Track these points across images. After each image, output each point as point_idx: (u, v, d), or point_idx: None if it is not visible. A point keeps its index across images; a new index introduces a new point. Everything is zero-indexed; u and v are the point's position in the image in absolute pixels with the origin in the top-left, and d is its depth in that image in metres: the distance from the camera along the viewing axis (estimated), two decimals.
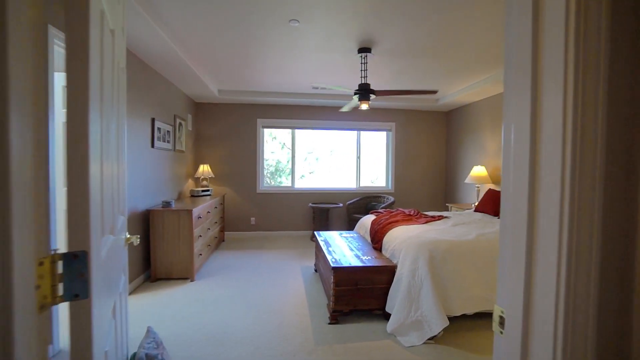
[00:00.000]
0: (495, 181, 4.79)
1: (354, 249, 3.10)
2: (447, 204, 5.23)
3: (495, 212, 3.84)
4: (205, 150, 5.54)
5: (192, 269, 3.38)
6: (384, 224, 3.26)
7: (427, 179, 6.20)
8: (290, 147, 5.92)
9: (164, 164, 3.93)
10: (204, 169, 5.11)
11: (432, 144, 6.20)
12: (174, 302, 2.92)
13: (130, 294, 3.02)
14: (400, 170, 6.10)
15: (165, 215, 3.32)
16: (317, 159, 6.04)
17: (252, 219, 5.68)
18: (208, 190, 4.90)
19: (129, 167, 3.04)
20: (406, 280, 2.41)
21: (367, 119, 5.96)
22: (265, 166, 5.90)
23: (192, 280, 3.38)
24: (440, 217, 3.57)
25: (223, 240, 5.26)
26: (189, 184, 5.10)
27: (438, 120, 6.19)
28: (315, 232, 3.82)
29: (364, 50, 3.26)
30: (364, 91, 3.30)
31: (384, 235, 3.07)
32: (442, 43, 3.15)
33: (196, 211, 3.52)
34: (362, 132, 6.06)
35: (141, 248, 3.31)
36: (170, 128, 4.09)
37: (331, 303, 2.57)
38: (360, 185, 6.09)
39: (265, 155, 5.90)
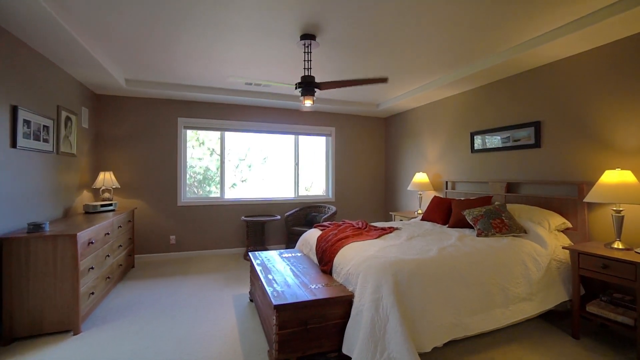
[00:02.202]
0: (437, 188, 4.71)
1: (298, 274, 2.54)
2: (390, 213, 5.02)
3: (444, 221, 3.66)
4: (109, 154, 4.44)
5: (76, 317, 2.43)
6: (332, 241, 2.77)
7: (368, 186, 5.97)
8: (219, 153, 5.13)
9: (36, 170, 2.88)
10: (106, 177, 4.05)
11: (372, 151, 6.01)
12: None
13: None
14: (341, 178, 5.75)
15: (32, 243, 2.33)
16: (249, 167, 5.36)
17: (172, 237, 4.73)
18: (110, 205, 3.87)
19: None
20: (368, 314, 1.94)
21: (306, 123, 5.50)
22: (191, 174, 5.02)
23: (75, 334, 2.43)
24: (392, 229, 3.23)
25: (133, 267, 4.23)
26: (84, 197, 3.98)
27: (377, 126, 6.04)
28: (250, 253, 3.16)
29: (308, 37, 2.78)
30: (308, 84, 2.81)
31: (335, 256, 2.57)
32: (390, 39, 2.83)
33: (85, 235, 2.59)
34: (300, 137, 5.58)
35: None
36: (49, 123, 3.05)
37: (274, 351, 1.97)
38: (299, 194, 5.58)
39: (192, 162, 5.01)
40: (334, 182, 5.70)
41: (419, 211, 4.72)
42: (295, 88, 2.86)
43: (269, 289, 2.19)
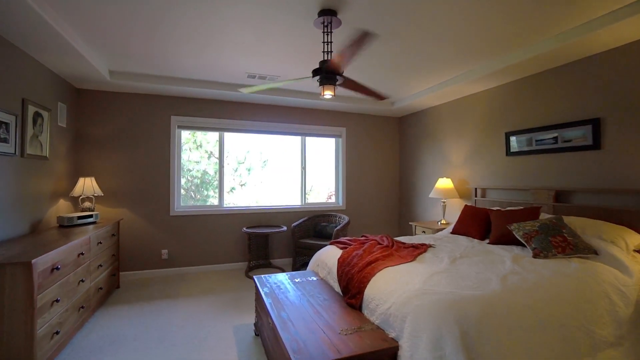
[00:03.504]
0: (463, 195, 4.18)
1: (320, 310, 1.99)
2: (410, 223, 4.48)
3: (481, 235, 3.12)
4: (91, 157, 3.89)
5: None
6: (359, 265, 2.23)
7: (382, 193, 5.43)
8: (217, 156, 4.58)
9: None
10: (86, 183, 3.50)
11: (385, 154, 5.47)
12: None
13: None
14: (352, 184, 5.21)
15: None
16: (248, 170, 4.82)
17: (164, 251, 4.17)
18: (90, 216, 3.31)
19: None
20: None
21: (314, 122, 4.97)
22: (188, 177, 4.49)
23: None
24: (425, 247, 2.69)
25: (117, 287, 3.66)
26: (59, 208, 3.42)
27: (391, 127, 5.51)
28: (255, 278, 2.60)
29: (328, 12, 2.25)
30: (328, 72, 2.28)
31: (365, 286, 2.03)
32: (418, 20, 2.31)
33: (46, 260, 2.04)
34: (307, 138, 5.04)
35: None
36: (10, 119, 2.50)
37: None
38: (306, 202, 5.03)
39: (189, 166, 4.47)
40: (344, 188, 5.15)
41: (443, 221, 4.19)
42: (313, 76, 2.32)
43: (284, 337, 1.64)
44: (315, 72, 2.31)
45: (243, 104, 4.54)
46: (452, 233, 3.44)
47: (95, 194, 3.55)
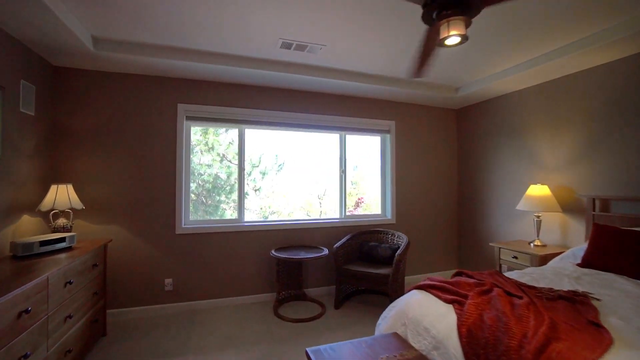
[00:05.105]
0: (567, 207, 3.08)
1: None
2: (490, 244, 3.40)
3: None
4: (69, 157, 2.92)
5: None
6: (526, 355, 1.17)
7: (439, 204, 4.35)
8: (231, 159, 3.59)
9: None
10: (61, 193, 2.53)
11: (441, 154, 4.40)
12: None
13: None
14: (402, 192, 4.15)
15: None
16: (263, 175, 3.81)
17: (167, 281, 3.17)
18: (62, 240, 2.32)
19: None
20: None
21: (356, 114, 3.94)
22: (199, 182, 3.52)
23: None
24: (585, 301, 1.62)
25: (104, 335, 2.67)
26: (21, 228, 2.45)
27: (447, 121, 4.45)
28: (310, 355, 1.56)
29: None
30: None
31: None
32: None
33: None
34: (348, 135, 4.01)
35: None
36: None
37: None
38: (346, 214, 3.99)
39: (200, 170, 3.50)
40: (394, 197, 4.10)
41: (537, 242, 3.11)
42: (424, 5, 1.30)
43: None
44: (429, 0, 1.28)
45: (269, 90, 3.54)
46: (581, 265, 2.35)
47: (73, 207, 2.57)
